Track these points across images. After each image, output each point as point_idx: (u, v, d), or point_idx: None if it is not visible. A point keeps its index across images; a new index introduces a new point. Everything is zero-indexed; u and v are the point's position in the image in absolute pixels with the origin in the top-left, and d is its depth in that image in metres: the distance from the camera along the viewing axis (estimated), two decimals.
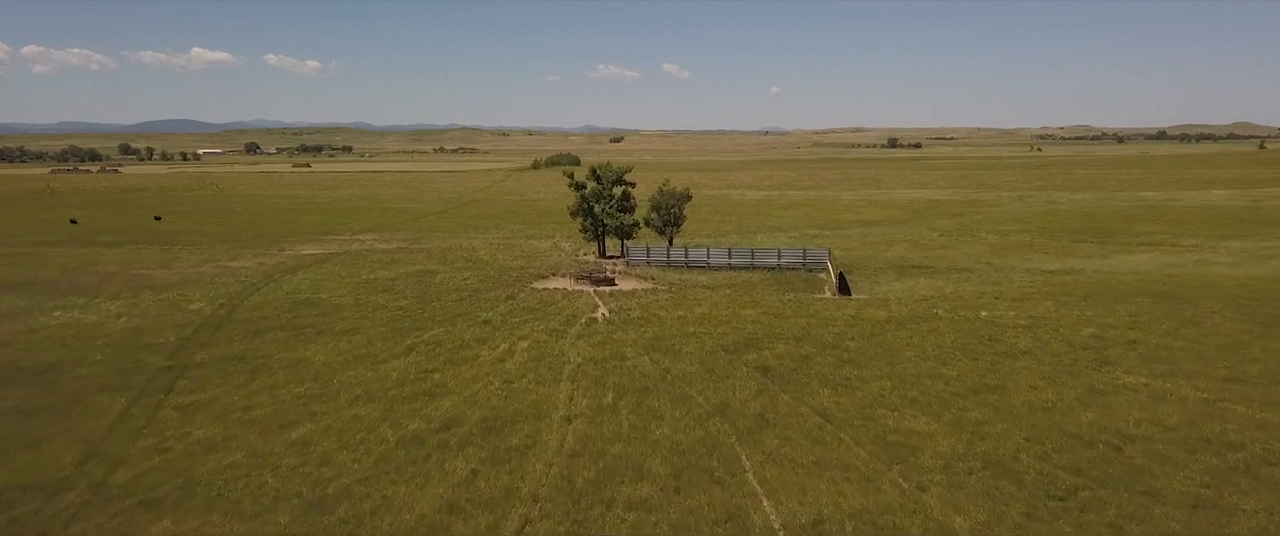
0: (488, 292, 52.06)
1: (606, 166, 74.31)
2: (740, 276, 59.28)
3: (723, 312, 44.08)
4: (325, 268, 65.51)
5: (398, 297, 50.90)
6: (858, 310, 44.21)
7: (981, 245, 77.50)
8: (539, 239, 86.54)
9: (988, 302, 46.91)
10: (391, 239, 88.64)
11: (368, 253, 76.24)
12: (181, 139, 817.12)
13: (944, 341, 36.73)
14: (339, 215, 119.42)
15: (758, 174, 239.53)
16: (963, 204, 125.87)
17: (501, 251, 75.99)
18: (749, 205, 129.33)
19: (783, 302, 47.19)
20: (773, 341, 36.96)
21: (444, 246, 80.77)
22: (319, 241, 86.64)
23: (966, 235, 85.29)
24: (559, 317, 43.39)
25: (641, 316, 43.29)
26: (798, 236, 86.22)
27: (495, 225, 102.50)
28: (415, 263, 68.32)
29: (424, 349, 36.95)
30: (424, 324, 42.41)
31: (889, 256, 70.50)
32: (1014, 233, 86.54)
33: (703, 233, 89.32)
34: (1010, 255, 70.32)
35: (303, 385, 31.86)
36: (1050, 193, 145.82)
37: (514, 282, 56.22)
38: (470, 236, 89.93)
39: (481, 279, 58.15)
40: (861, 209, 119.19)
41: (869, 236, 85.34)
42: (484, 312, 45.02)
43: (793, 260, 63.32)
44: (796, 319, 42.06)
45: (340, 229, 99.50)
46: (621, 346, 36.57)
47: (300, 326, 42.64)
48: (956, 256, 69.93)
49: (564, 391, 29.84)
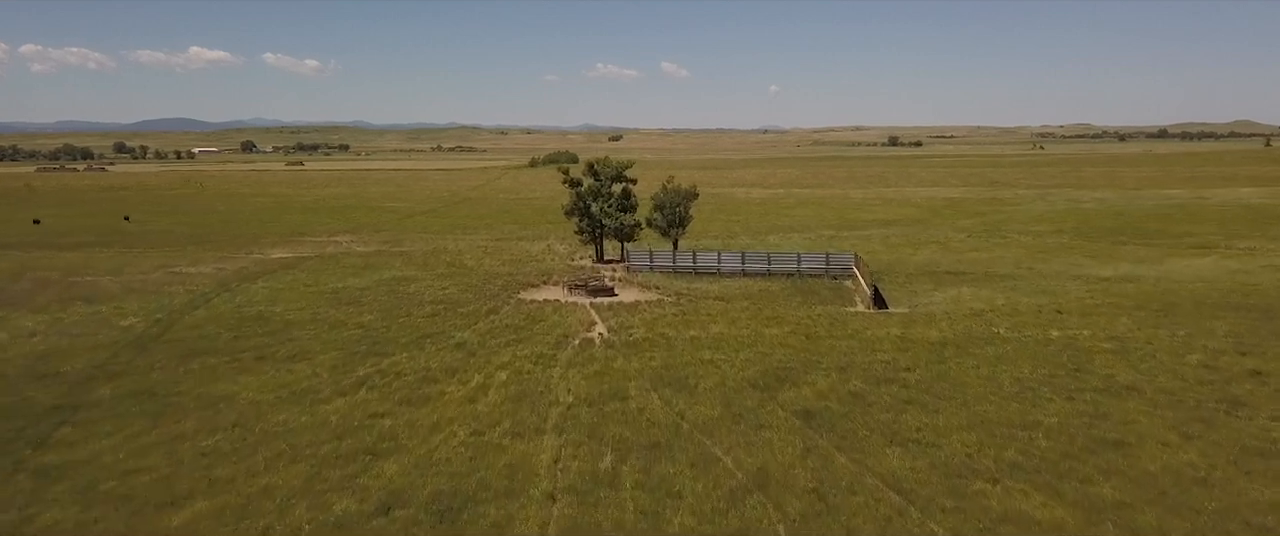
0: (467, 305, 45.04)
1: (605, 161, 67.35)
2: (756, 285, 52.33)
3: (743, 332, 37.09)
4: (290, 275, 58.51)
5: (362, 312, 43.90)
6: (904, 329, 37.25)
7: (1016, 247, 70.60)
8: (531, 241, 79.56)
9: (1051, 318, 39.99)
10: (371, 241, 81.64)
11: (342, 256, 69.24)
12: (179, 138, 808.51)
13: (1021, 372, 29.77)
14: (321, 215, 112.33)
15: (760, 171, 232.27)
16: (981, 202, 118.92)
17: (489, 255, 68.99)
18: (755, 204, 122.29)
19: (812, 318, 40.20)
20: (810, 372, 29.97)
21: (427, 249, 73.78)
22: (293, 243, 79.64)
23: (996, 236, 78.38)
24: (548, 338, 36.40)
25: (646, 337, 36.31)
26: (813, 238, 79.26)
27: (486, 226, 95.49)
28: (391, 268, 61.34)
29: (379, 382, 29.94)
30: (386, 347, 35.40)
31: (918, 261, 63.58)
32: (1047, 233, 79.66)
33: (709, 234, 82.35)
34: (1052, 259, 63.42)
35: (215, 435, 24.87)
36: (1069, 191, 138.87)
37: (499, 293, 49.20)
38: (457, 238, 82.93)
39: (463, 288, 51.15)
40: (875, 207, 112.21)
41: (891, 237, 78.41)
42: (459, 332, 38.00)
43: (814, 265, 56.36)
44: (833, 340, 35.07)
45: (319, 229, 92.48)
46: (623, 378, 29.60)
47: (238, 350, 35.64)
48: (992, 260, 63.04)
49: (548, 448, 22.85)
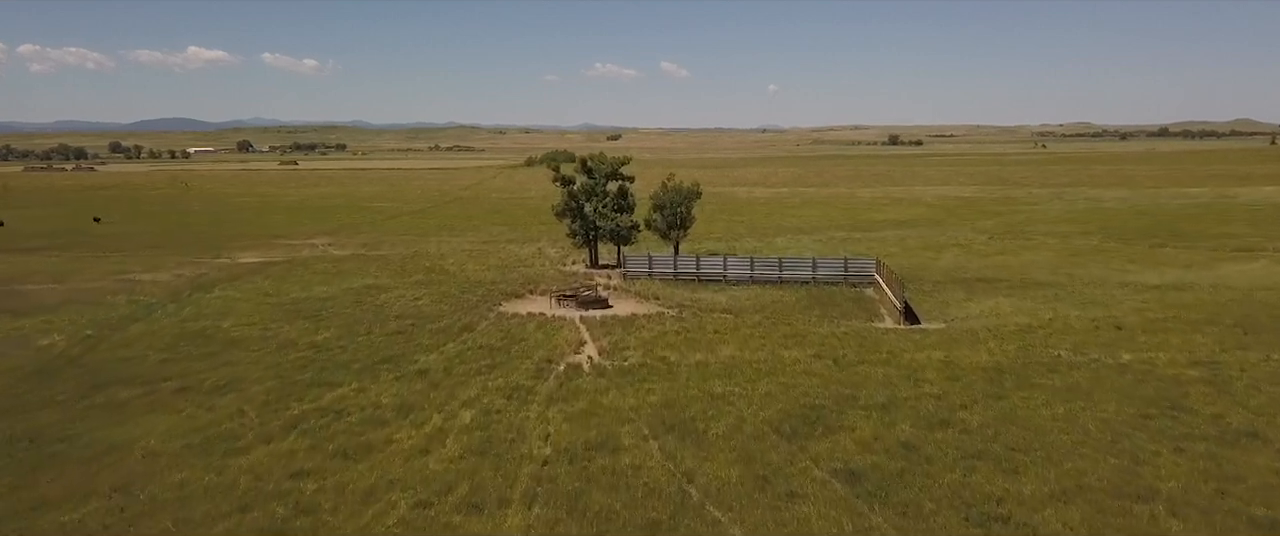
0: (439, 320, 39.48)
1: (599, 158, 61.83)
2: (767, 294, 46.80)
3: (758, 355, 31.54)
4: (251, 282, 52.97)
5: (319, 327, 38.34)
6: (946, 351, 31.70)
7: (1045, 250, 65.10)
8: (521, 243, 74.03)
9: (1113, 336, 34.49)
10: (350, 243, 76.10)
11: (315, 261, 63.72)
12: (177, 138, 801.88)
13: (1106, 412, 24.26)
14: (304, 215, 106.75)
15: (762, 170, 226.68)
16: (996, 201, 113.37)
17: (474, 259, 63.46)
18: (759, 203, 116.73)
19: (837, 338, 34.65)
20: (846, 412, 24.43)
21: (408, 253, 68.25)
22: (266, 246, 74.10)
23: (1020, 238, 72.87)
24: (527, 363, 30.84)
25: (644, 362, 30.75)
26: (823, 240, 73.74)
27: (474, 227, 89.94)
28: (365, 275, 55.81)
29: (314, 424, 24.38)
30: (334, 374, 29.83)
31: (943, 265, 58.09)
32: (1074, 235, 74.13)
33: (711, 236, 76.82)
34: (1089, 263, 57.95)
35: (87, 504, 19.30)
36: (1085, 189, 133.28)
37: (478, 304, 43.63)
38: (442, 240, 77.39)
39: (439, 298, 45.60)
40: (886, 207, 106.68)
41: (908, 240, 72.89)
42: (424, 355, 32.43)
43: (831, 272, 50.84)
44: (866, 367, 29.53)
45: (297, 231, 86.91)
46: (615, 420, 24.08)
47: (160, 378, 30.08)
48: (1024, 265, 57.54)
49: (514, 531, 17.30)
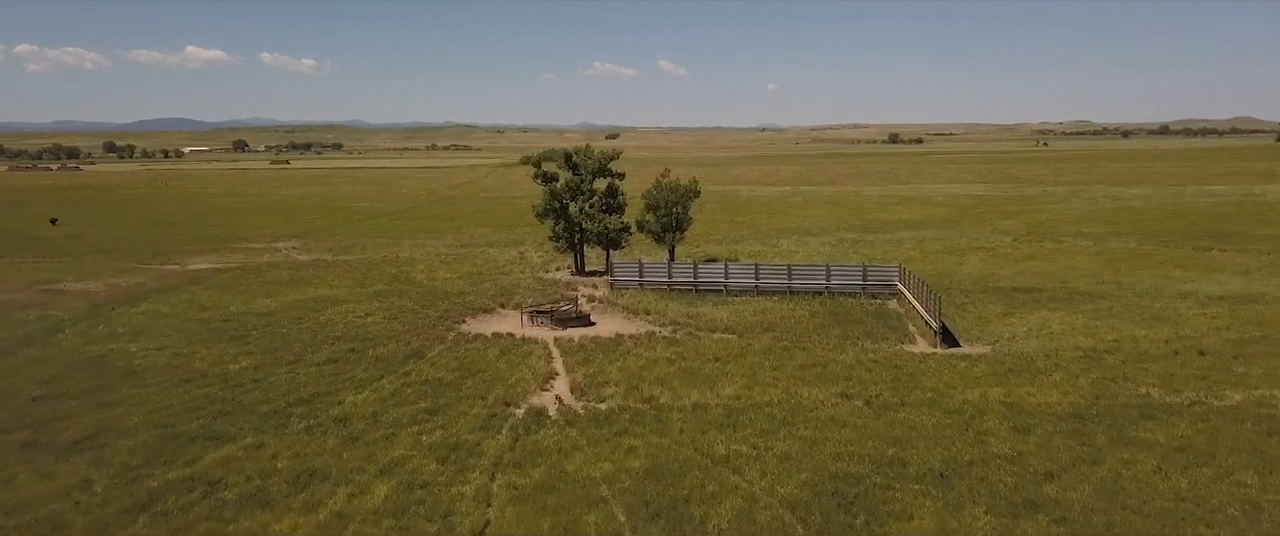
0: (386, 343, 33.18)
1: (586, 152, 55.58)
2: (776, 308, 40.50)
3: (772, 394, 25.24)
4: (189, 293, 46.69)
5: (240, 353, 32.02)
6: (1005, 386, 25.40)
7: (1080, 254, 58.83)
8: (503, 247, 67.75)
9: (1199, 364, 28.25)
10: (317, 247, 69.83)
11: (271, 267, 57.46)
12: (173, 138, 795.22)
13: (1246, 487, 17.97)
14: (277, 216, 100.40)
15: (763, 169, 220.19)
16: (1011, 200, 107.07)
17: (446, 265, 57.22)
18: (761, 203, 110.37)
19: (865, 366, 28.36)
20: (896, 488, 18.08)
21: (375, 258, 62.01)
22: (226, 250, 67.83)
23: (1049, 240, 66.57)
24: (479, 406, 24.53)
25: (626, 405, 24.44)
26: (833, 243, 67.45)
27: (456, 228, 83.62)
28: (321, 284, 49.55)
29: (173, 504, 18.02)
30: (230, 422, 23.52)
31: (970, 272, 51.83)
32: (1106, 236, 67.84)
33: (711, 238, 70.56)
34: (1134, 269, 51.70)
35: None
36: (1103, 187, 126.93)
37: (437, 322, 37.32)
38: (418, 243, 71.10)
39: (394, 314, 39.31)
40: (896, 207, 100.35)
41: (926, 242, 66.62)
42: (352, 393, 26.11)
43: (848, 281, 44.51)
44: (909, 411, 23.24)
45: (265, 233, 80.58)
46: (580, 502, 17.76)
47: (16, 424, 23.79)
48: (1061, 272, 51.27)
49: None
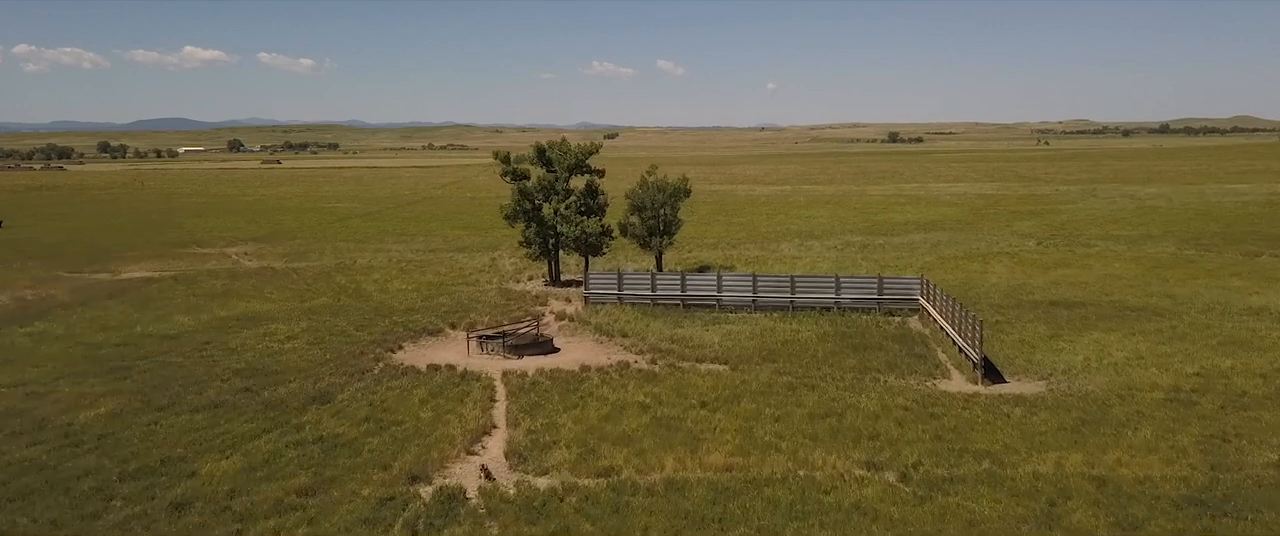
0: (292, 379, 26.82)
1: (561, 146, 49.18)
2: (778, 329, 34.16)
3: (773, 464, 18.87)
4: (97, 310, 40.36)
5: (108, 393, 25.66)
6: (1085, 452, 19.08)
7: (1116, 260, 52.57)
8: (476, 252, 61.44)
9: None
10: (273, 252, 63.52)
11: (209, 276, 51.20)
12: (170, 137, 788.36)
13: None
14: (244, 217, 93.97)
15: (762, 167, 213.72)
16: (1024, 199, 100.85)
17: (404, 274, 50.93)
18: (760, 203, 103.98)
19: (894, 417, 22.04)
20: None
21: (330, 265, 55.74)
22: (170, 256, 61.57)
23: (1076, 244, 60.30)
24: (376, 480, 18.17)
25: (573, 483, 18.09)
26: (839, 246, 61.14)
27: (429, 231, 77.19)
28: (255, 298, 43.28)
29: None
30: (21, 513, 17.16)
31: (997, 282, 45.53)
32: (1138, 240, 61.61)
33: (705, 242, 64.26)
34: (1184, 279, 45.49)
35: None
36: (1116, 185, 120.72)
37: (369, 348, 30.99)
38: (383, 248, 64.79)
39: (321, 337, 32.96)
40: (903, 207, 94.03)
41: (941, 246, 60.34)
42: (216, 457, 19.76)
43: (860, 294, 38.18)
44: (962, 495, 16.94)
45: (223, 237, 74.20)
46: None
47: None
48: (1102, 282, 45.01)
49: None
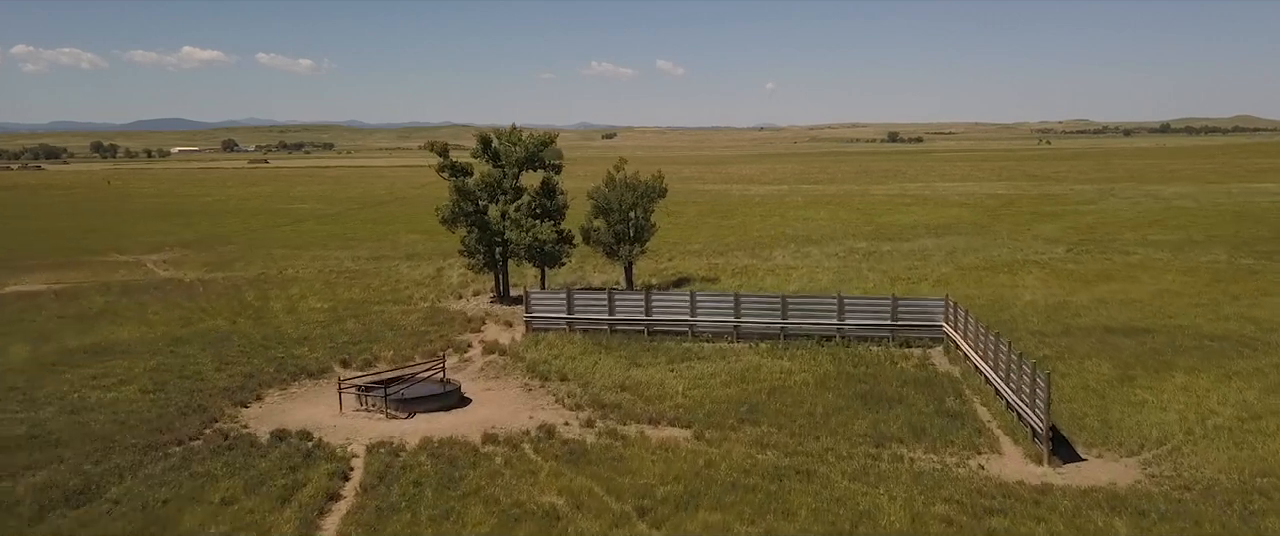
0: (75, 454, 18.92)
1: (510, 135, 41.30)
2: (765, 367, 26.28)
3: None
4: None
5: None
6: None
7: (1167, 271, 44.66)
8: (424, 260, 53.61)
9: None
10: (194, 260, 55.84)
11: (96, 291, 43.54)
12: (167, 137, 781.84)
13: None
14: (187, 220, 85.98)
15: (760, 167, 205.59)
16: (1039, 199, 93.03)
17: (328, 289, 43.21)
18: (755, 204, 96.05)
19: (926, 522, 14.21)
20: None
21: (252, 277, 48.06)
22: (73, 265, 53.97)
23: (1113, 251, 52.37)
24: None
25: None
26: (841, 253, 53.23)
27: (384, 235, 69.25)
28: (124, 323, 35.59)
29: None
30: None
31: (1033, 300, 37.68)
32: (1185, 246, 53.68)
33: (690, 248, 56.43)
34: (1257, 294, 37.83)
35: None
36: (1133, 185, 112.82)
37: (215, 399, 23.15)
38: (320, 256, 57.01)
39: (158, 384, 25.14)
40: (909, 208, 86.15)
41: (958, 254, 52.42)
42: None
43: (869, 320, 30.26)
44: None
45: (148, 242, 66.43)
46: None
47: None
48: (1158, 301, 37.17)
49: None
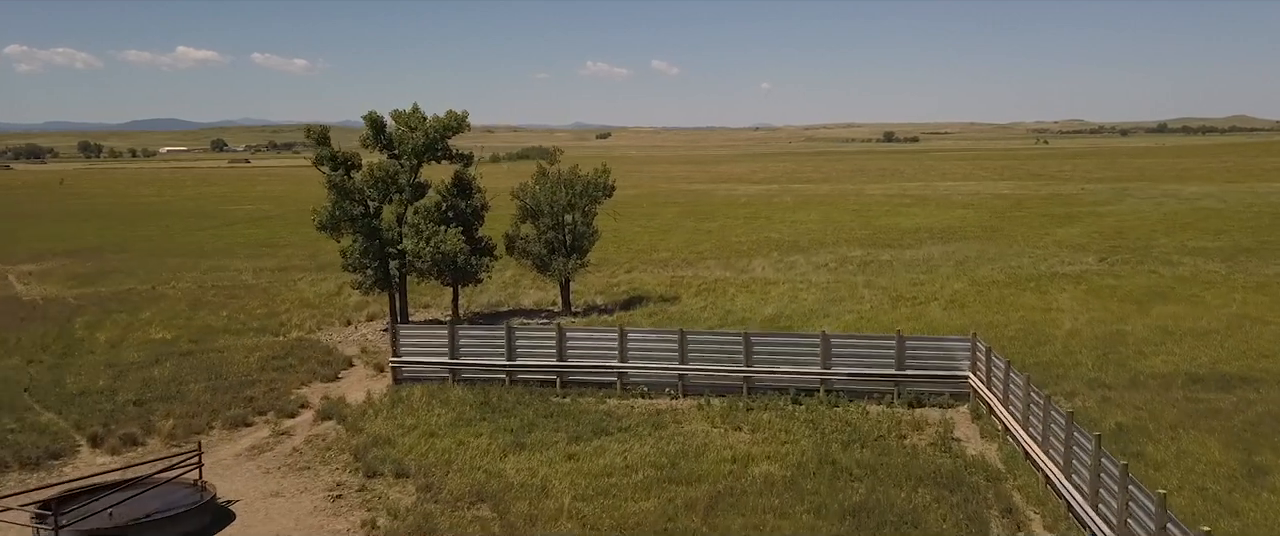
0: None
1: (411, 117, 32.43)
2: (711, 450, 17.61)
3: None
4: None
5: None
6: None
7: (1237, 289, 36.18)
8: (335, 273, 44.75)
9: None
10: (64, 272, 47.67)
11: None
12: (159, 137, 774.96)
13: None
14: (99, 223, 77.28)
15: (751, 166, 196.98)
16: (1051, 200, 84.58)
17: (190, 311, 34.74)
18: (740, 204, 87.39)
19: None
20: None
21: (118, 292, 39.92)
22: None
23: (1156, 262, 43.80)
24: None
25: None
26: (831, 264, 44.52)
27: (308, 241, 59.85)
28: None
29: None
30: None
31: (1077, 331, 29.03)
32: (1238, 255, 45.17)
33: (654, 258, 47.80)
34: None
35: None
36: (1147, 184, 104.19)
37: None
38: (220, 266, 48.64)
39: None
40: (909, 209, 77.56)
41: (970, 264, 43.78)
42: None
43: (865, 370, 21.57)
44: None
45: (27, 251, 57.88)
46: None
47: None
48: (1247, 331, 28.67)
49: None
